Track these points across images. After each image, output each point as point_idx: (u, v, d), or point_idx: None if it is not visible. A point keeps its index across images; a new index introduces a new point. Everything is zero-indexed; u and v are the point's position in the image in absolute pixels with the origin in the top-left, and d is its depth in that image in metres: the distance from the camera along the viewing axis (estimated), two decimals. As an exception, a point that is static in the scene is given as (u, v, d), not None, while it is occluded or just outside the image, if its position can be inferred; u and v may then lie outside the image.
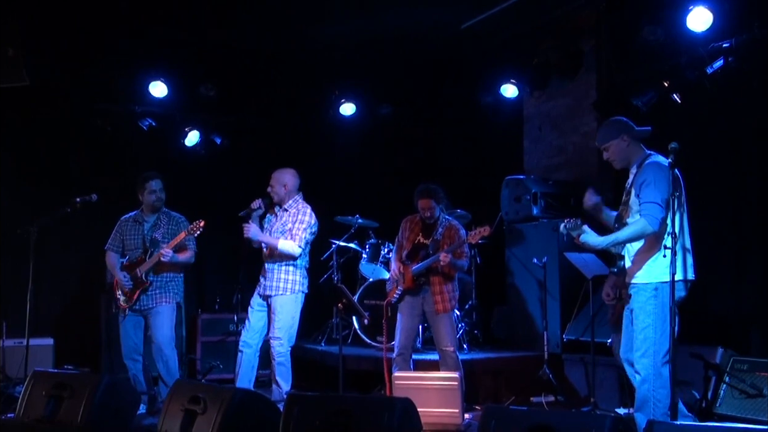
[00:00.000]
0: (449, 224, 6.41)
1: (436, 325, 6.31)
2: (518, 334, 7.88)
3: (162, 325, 6.41)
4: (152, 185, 6.56)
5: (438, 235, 6.35)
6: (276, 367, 6.22)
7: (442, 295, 6.29)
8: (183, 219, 6.65)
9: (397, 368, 6.29)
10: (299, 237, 6.23)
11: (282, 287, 6.26)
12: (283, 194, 6.36)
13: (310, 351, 7.89)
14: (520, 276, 7.90)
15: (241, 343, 6.32)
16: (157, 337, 6.39)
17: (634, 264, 5.03)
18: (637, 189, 4.96)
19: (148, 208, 6.60)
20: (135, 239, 6.56)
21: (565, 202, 7.80)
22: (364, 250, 8.18)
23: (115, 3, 7.54)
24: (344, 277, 8.44)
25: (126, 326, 6.49)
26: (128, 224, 6.63)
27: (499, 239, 8.00)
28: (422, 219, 6.46)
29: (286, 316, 6.23)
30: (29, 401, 5.10)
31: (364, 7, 7.71)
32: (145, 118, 8.45)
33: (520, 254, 7.88)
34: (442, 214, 6.48)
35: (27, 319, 6.40)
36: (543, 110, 8.63)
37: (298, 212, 6.33)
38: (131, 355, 6.48)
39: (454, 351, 6.27)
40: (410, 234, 6.51)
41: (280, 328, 6.20)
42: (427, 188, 6.36)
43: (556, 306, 7.36)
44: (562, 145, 8.38)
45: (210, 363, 7.84)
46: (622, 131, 5.11)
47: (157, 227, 6.56)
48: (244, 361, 6.26)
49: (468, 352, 7.48)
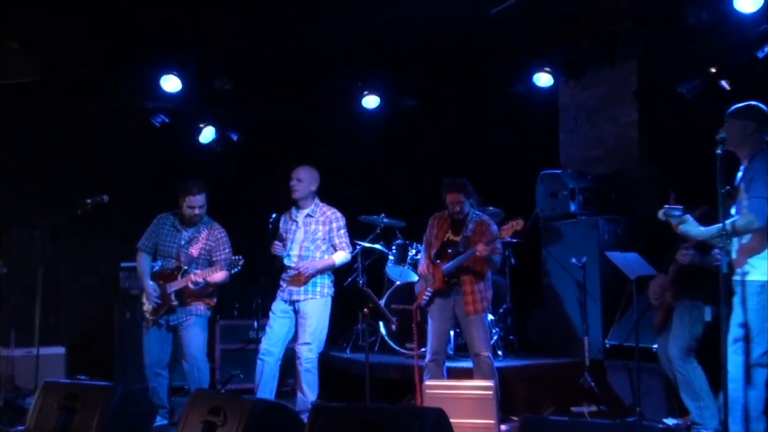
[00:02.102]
0: (480, 219, 6.37)
1: (468, 329, 6.27)
2: (556, 340, 7.82)
3: (195, 338, 6.41)
4: (193, 201, 6.37)
5: (468, 232, 6.30)
6: (303, 374, 6.23)
7: (473, 295, 6.24)
8: (224, 235, 6.54)
9: (429, 375, 6.26)
10: (347, 244, 6.42)
11: (312, 291, 6.30)
12: (307, 193, 6.38)
13: (335, 359, 7.88)
14: (557, 277, 7.84)
15: (261, 351, 6.32)
16: (190, 352, 6.38)
17: (741, 259, 5.02)
18: (746, 183, 4.97)
19: (186, 220, 6.50)
20: (170, 247, 6.49)
21: (604, 198, 7.74)
22: (391, 252, 8.15)
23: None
24: (370, 281, 8.43)
25: (150, 338, 6.46)
26: (165, 227, 6.54)
27: (534, 238, 7.95)
28: (451, 215, 6.42)
29: (316, 320, 6.28)
30: (40, 413, 5.12)
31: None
32: (157, 114, 8.49)
33: (558, 254, 7.82)
34: (472, 209, 6.43)
35: (37, 327, 6.45)
36: (579, 100, 8.57)
37: (329, 220, 6.36)
38: (154, 368, 6.47)
39: (489, 356, 6.23)
40: (439, 231, 6.47)
41: (312, 333, 6.26)
42: (454, 181, 6.34)
43: (597, 309, 7.29)
44: (600, 136, 8.32)
45: (230, 372, 7.86)
46: (752, 118, 5.05)
47: (194, 240, 6.47)
48: (265, 370, 6.27)
49: (503, 358, 7.42)
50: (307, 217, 6.41)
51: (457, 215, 6.36)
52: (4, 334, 7.54)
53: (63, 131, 8.39)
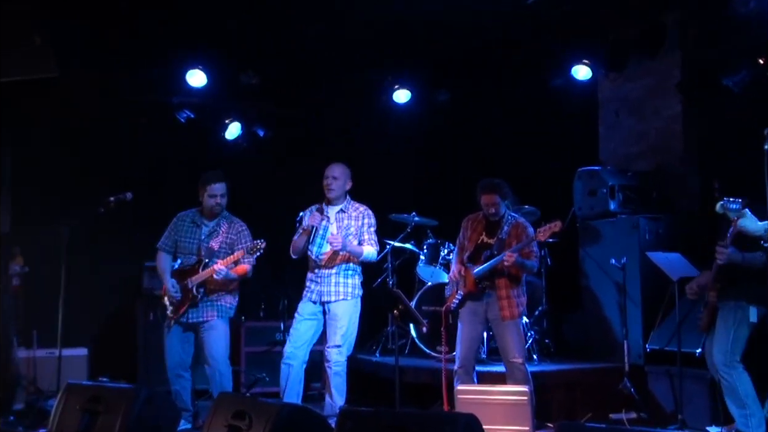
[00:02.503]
0: (515, 222, 6.39)
1: (502, 334, 6.30)
2: (594, 343, 7.82)
3: (217, 341, 6.47)
4: (214, 189, 6.49)
5: (503, 234, 6.32)
6: (332, 378, 6.29)
7: (509, 300, 6.27)
8: (245, 228, 6.62)
9: (459, 381, 6.28)
10: (375, 241, 6.48)
11: (343, 292, 6.37)
12: (342, 191, 6.46)
13: (364, 362, 7.94)
14: (596, 279, 7.84)
15: (286, 354, 6.36)
16: (212, 355, 6.44)
17: None
18: None
19: (207, 212, 6.62)
20: (190, 243, 6.59)
21: (646, 195, 7.72)
22: (422, 251, 8.19)
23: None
24: (400, 281, 8.47)
25: (172, 339, 6.54)
26: (185, 224, 6.64)
27: (571, 238, 7.94)
28: (485, 217, 6.44)
29: (347, 322, 6.36)
30: (62, 416, 5.20)
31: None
32: (182, 109, 8.60)
33: (596, 254, 7.81)
34: (507, 211, 6.45)
35: (59, 327, 6.54)
36: (620, 93, 8.54)
37: (362, 215, 6.45)
38: (176, 370, 6.54)
39: (523, 363, 6.25)
40: (472, 233, 6.50)
41: (343, 335, 6.33)
42: (490, 183, 6.35)
43: (637, 312, 7.28)
44: (642, 131, 8.29)
45: (255, 375, 7.93)
46: None
47: (215, 234, 6.57)
48: (291, 375, 6.31)
49: (538, 363, 7.44)
50: (340, 213, 6.49)
51: (492, 217, 6.39)
52: (26, 334, 7.69)
53: (86, 128, 8.49)
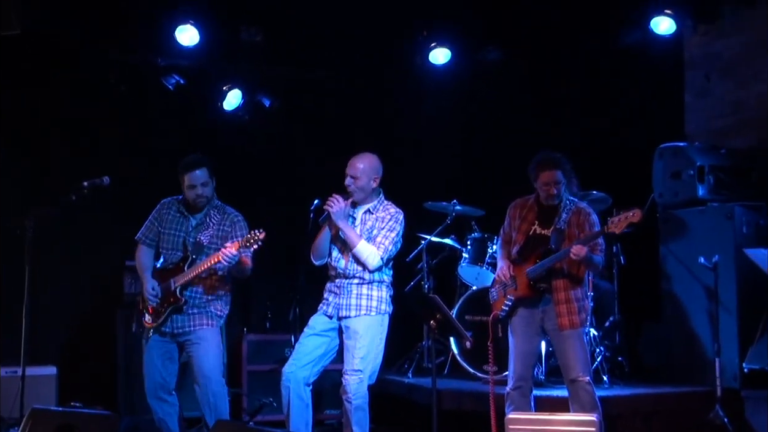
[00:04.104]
0: (576, 208, 6.34)
1: (562, 348, 6.27)
2: (678, 362, 7.79)
3: (206, 355, 6.46)
4: (192, 178, 6.45)
5: (561, 223, 6.28)
6: (352, 412, 6.24)
7: (569, 305, 6.23)
8: (240, 219, 6.61)
9: (512, 407, 6.27)
10: (384, 248, 6.29)
11: (365, 306, 6.30)
12: (369, 191, 6.38)
13: (393, 384, 7.95)
14: (680, 281, 7.81)
15: (285, 375, 6.30)
16: (202, 372, 6.43)
17: None
18: None
19: (191, 205, 6.62)
20: (175, 237, 6.60)
21: (743, 178, 7.69)
22: (465, 248, 8.18)
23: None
24: (438, 285, 8.47)
25: (151, 353, 6.54)
26: (170, 213, 6.64)
27: (650, 231, 7.91)
28: (537, 202, 6.41)
29: (368, 342, 6.27)
30: (26, 448, 5.26)
31: None
32: (170, 74, 8.62)
33: (681, 251, 7.78)
34: (565, 195, 6.42)
35: (23, 341, 6.54)
36: (712, 51, 8.47)
37: (389, 217, 6.36)
38: (157, 393, 6.53)
39: (589, 382, 6.22)
40: (522, 223, 6.46)
41: (363, 358, 6.24)
42: (550, 157, 6.31)
43: (732, 323, 7.25)
44: (739, 99, 8.23)
45: (259, 400, 7.94)
46: None
47: (204, 227, 6.55)
48: (292, 398, 6.26)
49: (609, 386, 7.41)
50: (367, 213, 6.43)
51: (550, 201, 6.34)
52: (-18, 350, 7.78)
53: (53, 98, 8.54)
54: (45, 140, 8.54)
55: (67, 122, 8.62)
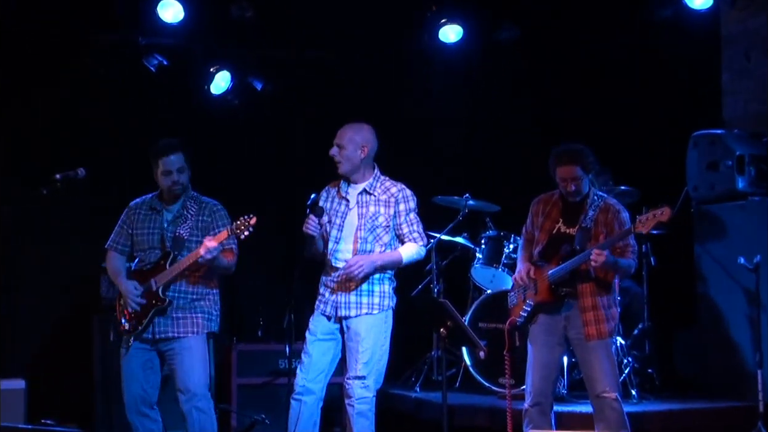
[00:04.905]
0: (604, 204, 6.32)
1: (587, 360, 6.25)
2: (716, 374, 7.79)
3: (192, 367, 6.44)
4: (167, 163, 6.44)
5: (588, 222, 6.26)
6: (355, 420, 6.25)
7: (596, 312, 6.20)
8: (219, 208, 6.61)
9: (530, 425, 6.25)
10: (419, 234, 6.36)
11: (367, 303, 6.29)
12: (357, 162, 6.34)
13: (400, 399, 7.96)
14: (717, 284, 7.81)
15: (297, 387, 6.34)
16: (186, 385, 6.41)
17: None
18: None
19: (167, 195, 6.62)
20: (150, 235, 6.58)
21: (788, 170, 7.66)
22: (479, 248, 8.19)
23: None
24: (448, 288, 8.47)
25: (131, 364, 6.51)
26: (140, 213, 6.63)
27: (684, 228, 7.92)
28: (562, 198, 6.40)
29: (372, 344, 6.27)
30: (-8, 471, 5.27)
31: None
32: (152, 54, 8.62)
33: (718, 251, 7.78)
34: (592, 189, 6.40)
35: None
36: (752, 27, 8.45)
37: (395, 199, 6.33)
38: (138, 407, 6.50)
39: (617, 398, 6.19)
40: (545, 221, 6.44)
41: (366, 363, 6.24)
42: (568, 150, 6.28)
43: (775, 330, 7.24)
44: (783, 81, 8.21)
45: (251, 417, 7.96)
46: None
47: (182, 219, 6.54)
48: (303, 413, 6.29)
49: (638, 401, 7.41)
50: (363, 194, 6.40)
51: (572, 197, 6.32)
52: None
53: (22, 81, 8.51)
54: (15, 129, 8.49)
55: (40, 109, 8.58)
